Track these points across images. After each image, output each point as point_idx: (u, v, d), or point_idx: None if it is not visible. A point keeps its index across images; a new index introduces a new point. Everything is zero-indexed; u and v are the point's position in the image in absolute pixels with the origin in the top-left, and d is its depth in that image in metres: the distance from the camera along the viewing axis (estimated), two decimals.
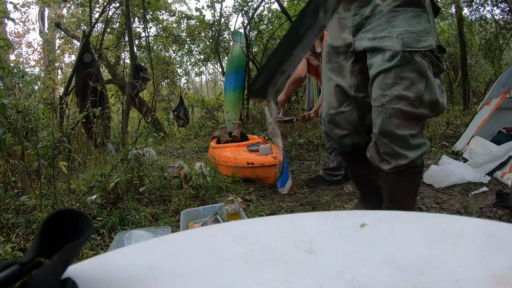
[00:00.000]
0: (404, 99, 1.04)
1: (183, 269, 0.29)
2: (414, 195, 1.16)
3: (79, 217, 0.27)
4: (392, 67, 1.06)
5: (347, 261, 0.28)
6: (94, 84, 4.05)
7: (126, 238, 1.44)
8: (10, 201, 2.01)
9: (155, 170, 2.35)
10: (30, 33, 19.08)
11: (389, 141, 1.08)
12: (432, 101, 1.05)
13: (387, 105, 1.07)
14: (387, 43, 1.07)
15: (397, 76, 1.06)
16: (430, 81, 1.04)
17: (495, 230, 0.31)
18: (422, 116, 1.07)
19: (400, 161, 1.08)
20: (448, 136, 4.31)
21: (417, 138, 1.07)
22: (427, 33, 1.05)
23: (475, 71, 8.51)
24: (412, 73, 1.04)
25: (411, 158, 1.06)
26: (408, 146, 1.07)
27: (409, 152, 1.06)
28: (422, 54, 1.03)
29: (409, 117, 1.05)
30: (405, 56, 1.04)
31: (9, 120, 2.01)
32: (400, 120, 1.05)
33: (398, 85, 1.05)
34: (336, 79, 1.27)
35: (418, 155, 1.07)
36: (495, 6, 6.82)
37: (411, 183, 1.13)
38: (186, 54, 8.45)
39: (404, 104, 1.04)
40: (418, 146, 1.07)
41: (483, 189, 2.19)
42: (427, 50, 1.03)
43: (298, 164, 3.38)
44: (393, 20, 1.07)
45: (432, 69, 1.05)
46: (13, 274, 0.22)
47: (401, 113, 1.05)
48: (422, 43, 1.04)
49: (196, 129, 6.67)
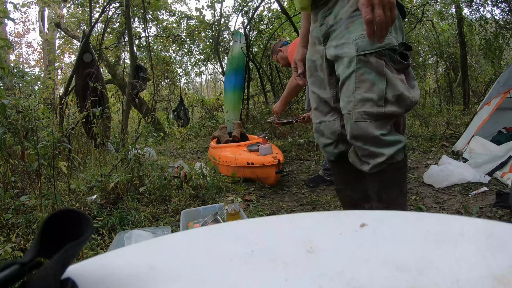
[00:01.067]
0: (367, 102, 1.06)
1: (183, 269, 0.29)
2: (401, 191, 1.15)
3: (79, 217, 0.27)
4: (352, 73, 1.08)
5: (347, 261, 0.28)
6: (94, 84, 4.05)
7: (126, 238, 1.44)
8: (10, 201, 2.01)
9: (155, 170, 2.35)
10: (30, 33, 19.10)
11: (363, 143, 1.10)
12: (396, 97, 1.05)
13: (352, 111, 1.09)
14: (345, 49, 1.10)
15: (357, 81, 1.08)
16: (389, 78, 1.05)
17: (495, 230, 0.31)
18: (390, 114, 1.06)
19: (378, 159, 1.09)
20: (448, 136, 4.32)
21: (390, 136, 1.08)
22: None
23: (475, 71, 8.51)
24: (371, 75, 1.05)
25: (387, 154, 1.07)
26: (382, 145, 1.07)
27: (385, 149, 1.07)
28: (378, 54, 1.04)
29: (376, 117, 1.06)
30: (360, 59, 1.06)
31: (9, 120, 2.01)
32: (368, 122, 1.06)
33: (359, 89, 1.07)
34: (318, 92, 1.30)
35: (394, 152, 1.07)
36: (495, 6, 6.83)
37: (395, 180, 1.12)
38: (186, 54, 8.45)
39: (369, 106, 1.06)
40: (393, 143, 1.07)
41: (483, 189, 2.19)
42: (384, 49, 1.04)
43: (298, 164, 3.38)
44: (350, 26, 1.09)
45: (394, 66, 1.05)
46: (13, 274, 0.22)
47: (367, 116, 1.06)
48: (376, 44, 1.04)
49: (196, 129, 6.68)
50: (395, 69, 1.06)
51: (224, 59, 7.26)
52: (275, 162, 2.47)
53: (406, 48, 1.08)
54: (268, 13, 6.75)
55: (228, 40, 7.34)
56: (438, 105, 7.37)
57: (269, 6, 6.86)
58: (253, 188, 2.55)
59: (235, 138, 3.49)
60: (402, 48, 1.07)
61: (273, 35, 6.23)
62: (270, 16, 6.70)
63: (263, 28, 6.56)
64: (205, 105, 7.59)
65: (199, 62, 8.71)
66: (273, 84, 6.57)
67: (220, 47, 7.24)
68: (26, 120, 2.10)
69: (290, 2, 6.70)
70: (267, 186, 2.59)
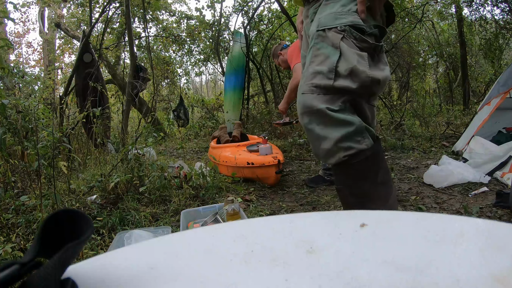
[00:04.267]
0: (318, 74, 0.98)
1: (183, 269, 0.29)
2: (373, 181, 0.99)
3: (79, 217, 0.27)
4: (310, 49, 1.04)
5: (347, 261, 0.28)
6: (94, 84, 4.05)
7: (126, 238, 1.44)
8: (10, 201, 2.01)
9: (155, 170, 2.35)
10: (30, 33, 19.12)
11: (308, 121, 0.99)
12: (350, 70, 0.95)
13: (303, 85, 1.01)
14: (311, 29, 1.07)
15: (312, 55, 1.02)
16: (344, 51, 0.96)
17: (495, 230, 0.31)
18: (340, 88, 0.95)
19: (324, 144, 0.96)
20: (448, 136, 4.32)
21: (339, 114, 0.94)
22: (352, 12, 1.00)
23: (475, 71, 8.52)
24: (327, 49, 0.99)
25: (334, 138, 0.93)
26: (329, 123, 0.94)
27: (331, 131, 0.94)
28: (337, 30, 0.98)
29: (325, 91, 0.96)
30: (319, 35, 1.02)
31: (9, 120, 2.01)
32: (315, 95, 0.97)
33: (313, 63, 1.01)
34: None
35: (341, 135, 0.93)
36: (495, 6, 6.83)
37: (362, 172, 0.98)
38: (186, 54, 8.45)
39: (319, 79, 0.97)
40: (341, 123, 0.93)
41: (483, 189, 2.19)
42: (345, 25, 0.98)
43: (298, 164, 3.38)
44: (322, 11, 1.06)
45: (356, 43, 0.97)
46: (13, 274, 0.22)
47: (314, 87, 0.97)
48: (338, 21, 0.99)
49: (196, 129, 6.68)
50: (358, 46, 0.97)
51: (224, 59, 7.26)
52: (275, 162, 2.47)
53: (381, 32, 1.03)
54: (268, 13, 6.75)
55: (228, 40, 7.34)
56: (438, 105, 7.38)
57: (269, 6, 6.87)
58: (253, 188, 2.55)
59: (235, 138, 3.50)
60: (375, 31, 1.01)
61: (273, 35, 6.23)
62: (270, 16, 6.71)
63: (263, 28, 6.56)
64: (205, 105, 7.60)
65: (199, 62, 8.72)
66: (273, 84, 6.57)
67: (220, 47, 7.24)
68: (26, 120, 2.10)
69: (290, 2, 6.70)
70: (267, 186, 2.59)
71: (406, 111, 5.45)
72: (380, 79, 0.97)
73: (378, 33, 1.02)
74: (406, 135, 4.46)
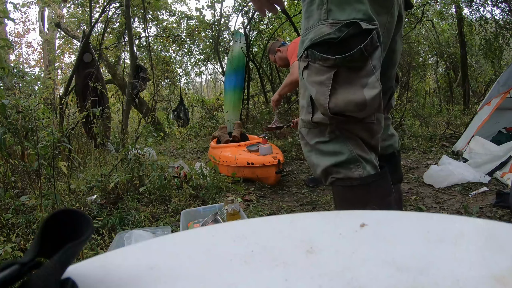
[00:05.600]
0: (303, 109, 0.95)
1: (183, 269, 0.29)
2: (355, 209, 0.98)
3: (79, 217, 0.27)
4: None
5: (347, 261, 0.28)
6: (94, 84, 4.05)
7: (126, 238, 1.44)
8: (10, 201, 2.01)
9: (155, 170, 2.35)
10: (30, 33, 19.12)
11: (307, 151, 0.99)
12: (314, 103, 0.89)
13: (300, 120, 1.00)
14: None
15: (299, 87, 0.99)
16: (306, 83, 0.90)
17: (495, 230, 0.31)
18: (317, 122, 0.90)
19: (317, 170, 0.96)
20: (448, 136, 4.32)
21: (328, 145, 0.92)
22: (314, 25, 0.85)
23: (475, 71, 8.52)
24: (302, 80, 0.93)
25: (323, 166, 0.93)
26: (320, 154, 0.94)
27: (322, 159, 0.94)
28: (303, 58, 0.89)
29: (311, 125, 0.94)
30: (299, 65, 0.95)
31: (9, 120, 2.01)
32: (306, 130, 0.96)
33: (300, 96, 0.99)
34: None
35: (331, 163, 0.91)
36: (495, 6, 6.83)
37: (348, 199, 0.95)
38: (186, 54, 8.45)
39: (304, 114, 0.95)
40: (331, 154, 0.92)
41: (483, 189, 2.19)
42: (306, 49, 0.86)
43: (298, 164, 3.38)
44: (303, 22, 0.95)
45: (322, 65, 0.83)
46: (13, 274, 0.22)
47: (304, 123, 0.96)
48: (302, 45, 0.88)
49: (196, 129, 6.68)
50: (325, 66, 0.83)
51: (224, 59, 7.26)
52: (275, 162, 2.47)
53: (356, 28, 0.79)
54: (268, 13, 6.74)
55: (228, 40, 7.34)
56: (438, 105, 7.38)
57: None
58: (253, 188, 2.55)
59: (235, 138, 3.50)
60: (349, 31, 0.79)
61: (273, 35, 6.23)
62: (270, 16, 6.70)
63: (263, 28, 6.55)
64: (205, 105, 7.60)
65: (199, 62, 8.72)
66: (273, 84, 6.57)
67: (220, 47, 7.24)
68: (26, 120, 2.11)
69: (290, 2, 6.70)
70: (267, 186, 2.59)
71: (406, 111, 5.45)
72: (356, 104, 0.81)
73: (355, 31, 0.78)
74: (406, 135, 4.46)
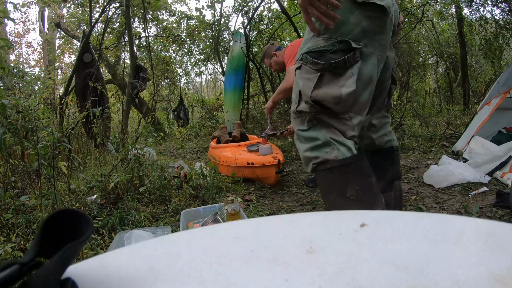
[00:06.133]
0: (292, 101, 1.17)
1: (183, 269, 0.29)
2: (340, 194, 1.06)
3: (79, 217, 0.27)
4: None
5: (347, 261, 0.28)
6: (94, 84, 4.05)
7: (126, 238, 1.44)
8: (10, 201, 2.01)
9: (155, 170, 2.35)
10: (30, 33, 19.13)
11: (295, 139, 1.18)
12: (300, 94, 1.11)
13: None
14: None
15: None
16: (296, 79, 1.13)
17: (495, 230, 0.31)
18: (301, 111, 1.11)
19: (301, 157, 1.15)
20: (448, 136, 4.32)
21: (308, 132, 1.11)
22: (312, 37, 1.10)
23: (475, 71, 8.51)
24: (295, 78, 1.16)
25: (302, 149, 1.12)
26: (302, 140, 1.13)
27: (302, 145, 1.12)
28: (298, 61, 1.13)
29: (295, 115, 1.15)
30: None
31: (9, 120, 2.01)
32: (293, 119, 1.17)
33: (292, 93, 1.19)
34: None
35: (308, 148, 1.09)
36: (495, 6, 6.83)
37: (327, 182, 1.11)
38: (186, 54, 8.44)
39: (293, 105, 1.16)
40: (309, 139, 1.10)
41: (483, 189, 2.19)
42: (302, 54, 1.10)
43: (298, 164, 3.38)
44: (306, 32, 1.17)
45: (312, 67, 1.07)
46: (13, 274, 0.22)
47: (292, 113, 1.17)
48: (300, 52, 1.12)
49: (196, 129, 6.67)
50: (314, 69, 1.07)
51: (224, 59, 7.26)
52: (275, 162, 2.47)
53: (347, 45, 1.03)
54: (268, 13, 6.74)
55: (228, 40, 7.34)
56: (438, 105, 7.37)
57: (269, 6, 6.86)
58: (253, 188, 2.55)
59: (235, 138, 3.50)
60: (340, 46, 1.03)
61: (273, 35, 6.22)
62: (270, 16, 6.70)
63: (263, 28, 6.55)
64: (205, 105, 7.59)
65: (199, 62, 8.71)
66: (273, 84, 6.56)
67: (220, 47, 7.24)
68: (26, 120, 2.10)
69: (290, 2, 6.70)
70: (267, 186, 2.59)
71: (406, 111, 5.45)
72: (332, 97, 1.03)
73: (345, 47, 1.03)
74: (406, 135, 4.46)
